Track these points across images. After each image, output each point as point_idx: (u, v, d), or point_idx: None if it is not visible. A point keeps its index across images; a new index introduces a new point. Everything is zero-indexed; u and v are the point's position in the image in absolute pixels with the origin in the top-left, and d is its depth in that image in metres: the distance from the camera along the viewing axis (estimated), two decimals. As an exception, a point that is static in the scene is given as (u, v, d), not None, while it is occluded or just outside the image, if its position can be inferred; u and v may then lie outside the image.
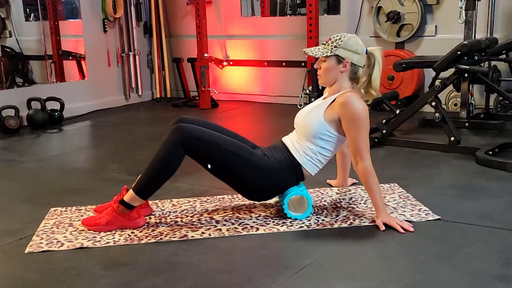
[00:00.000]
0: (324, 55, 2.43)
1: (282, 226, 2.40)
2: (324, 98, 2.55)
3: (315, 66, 2.52)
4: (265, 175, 2.43)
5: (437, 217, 2.42)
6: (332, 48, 2.42)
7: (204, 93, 5.57)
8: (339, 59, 2.43)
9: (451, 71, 3.71)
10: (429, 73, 4.45)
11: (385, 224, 2.31)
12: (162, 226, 2.45)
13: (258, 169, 2.41)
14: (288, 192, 2.46)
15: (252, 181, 2.43)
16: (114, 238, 2.32)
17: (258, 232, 2.35)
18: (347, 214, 2.51)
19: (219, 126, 2.59)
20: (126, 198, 2.39)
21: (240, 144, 2.45)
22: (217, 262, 2.08)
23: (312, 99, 4.86)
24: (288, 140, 2.54)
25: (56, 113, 4.98)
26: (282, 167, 2.45)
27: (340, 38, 2.43)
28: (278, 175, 2.44)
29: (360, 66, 2.45)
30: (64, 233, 2.40)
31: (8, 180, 3.33)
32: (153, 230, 2.40)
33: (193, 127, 2.38)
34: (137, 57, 6.07)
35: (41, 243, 2.29)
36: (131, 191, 2.39)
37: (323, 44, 2.48)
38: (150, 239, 2.30)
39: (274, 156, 2.47)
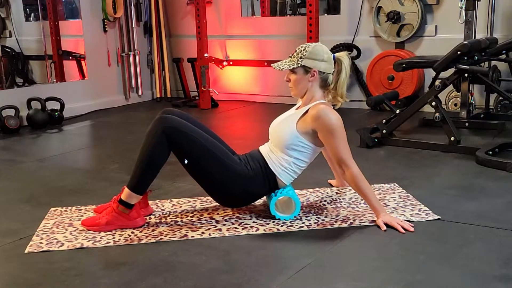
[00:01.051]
0: (290, 67, 2.44)
1: (282, 226, 2.40)
2: (297, 108, 2.55)
3: (285, 79, 2.53)
4: (238, 180, 2.43)
5: (437, 217, 2.42)
6: (298, 60, 2.42)
7: (204, 93, 5.57)
8: (306, 69, 2.43)
9: (451, 71, 3.71)
10: (429, 73, 4.46)
11: (385, 224, 2.31)
12: (162, 226, 2.45)
13: (233, 173, 2.41)
14: (276, 193, 2.46)
15: (225, 184, 2.43)
16: (114, 238, 2.32)
17: (258, 232, 2.35)
18: (347, 214, 2.51)
19: (202, 124, 2.59)
20: (123, 196, 2.40)
21: (220, 146, 2.46)
22: (217, 262, 2.08)
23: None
24: (263, 149, 2.54)
25: (56, 113, 4.98)
26: (256, 175, 2.45)
27: (304, 49, 2.43)
28: (252, 182, 2.45)
29: (329, 73, 2.45)
30: (64, 233, 2.40)
31: (8, 180, 3.33)
32: (153, 230, 2.40)
33: (175, 118, 2.39)
34: (137, 57, 6.08)
35: (41, 243, 2.29)
36: (126, 189, 2.40)
37: (289, 56, 2.48)
38: (150, 239, 2.30)
39: (250, 163, 2.47)
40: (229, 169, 2.41)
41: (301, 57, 2.42)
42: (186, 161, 2.40)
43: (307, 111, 2.43)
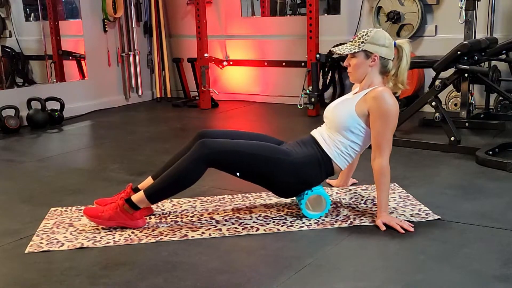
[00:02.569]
0: (352, 51, 2.43)
1: (282, 226, 2.40)
2: (355, 93, 2.54)
3: (344, 64, 2.52)
4: (292, 172, 2.42)
5: (437, 217, 2.42)
6: (359, 44, 2.42)
7: (204, 93, 5.57)
8: (367, 54, 2.42)
9: (451, 71, 3.71)
10: (429, 73, 4.45)
11: (385, 224, 2.31)
12: (162, 226, 2.45)
13: (284, 165, 2.40)
14: (305, 193, 2.46)
15: (280, 179, 2.43)
16: (114, 238, 2.32)
17: (258, 232, 2.35)
18: (347, 214, 2.51)
19: (240, 131, 2.61)
20: (134, 198, 2.39)
21: (264, 145, 2.45)
22: (217, 262, 2.08)
23: (312, 99, 4.87)
24: (317, 133, 2.53)
25: (56, 113, 4.98)
26: (311, 162, 2.44)
27: (366, 34, 2.43)
28: (306, 170, 2.43)
29: (390, 59, 2.45)
30: (64, 233, 2.40)
31: (8, 180, 3.33)
32: (153, 230, 2.40)
33: (216, 141, 2.39)
34: (137, 57, 6.08)
35: (41, 243, 2.29)
36: (141, 193, 2.38)
37: (350, 41, 2.48)
38: (150, 239, 2.30)
39: (303, 150, 2.46)
40: (280, 163, 2.40)
41: (362, 42, 2.41)
42: (238, 174, 2.41)
43: (366, 94, 2.42)
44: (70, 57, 5.81)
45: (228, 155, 2.36)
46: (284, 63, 5.60)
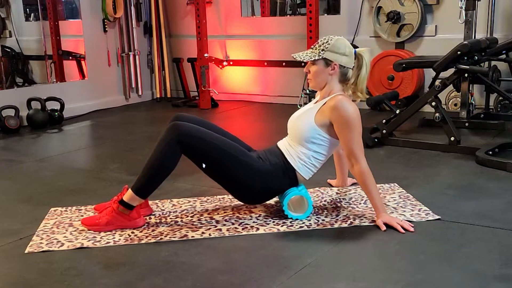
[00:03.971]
0: (312, 59, 2.44)
1: (282, 226, 2.40)
2: (316, 102, 2.55)
3: (304, 70, 2.53)
4: (259, 178, 2.42)
5: (437, 217, 2.42)
6: (319, 52, 2.42)
7: (204, 93, 5.57)
8: (327, 62, 2.42)
9: (451, 71, 3.71)
10: (429, 73, 4.46)
11: (385, 224, 2.31)
12: (162, 226, 2.45)
13: (252, 171, 2.41)
14: (288, 193, 2.46)
15: (245, 183, 2.42)
16: (114, 238, 2.32)
17: (258, 232, 2.35)
18: (347, 214, 2.51)
19: (216, 126, 2.59)
20: (125, 198, 2.39)
21: (236, 145, 2.45)
22: (217, 262, 2.08)
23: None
24: (282, 144, 2.53)
25: (56, 113, 4.98)
26: (276, 171, 2.44)
27: (327, 41, 2.43)
28: (272, 178, 2.44)
29: (349, 68, 2.45)
30: (64, 233, 2.40)
31: (8, 180, 3.33)
32: (153, 230, 2.40)
33: (188, 125, 2.38)
34: (137, 57, 6.08)
35: (41, 243, 2.29)
36: (130, 190, 2.39)
37: (311, 48, 2.48)
38: (150, 239, 2.30)
39: (269, 159, 2.46)
40: (247, 167, 2.40)
41: (323, 49, 2.42)
42: (204, 165, 2.39)
43: (325, 103, 2.43)
44: (70, 57, 5.81)
45: (198, 142, 2.35)
46: (284, 63, 5.60)
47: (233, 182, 2.44)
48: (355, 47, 2.49)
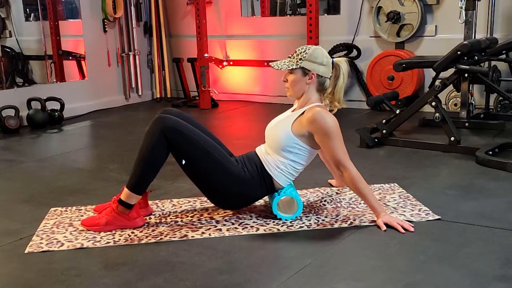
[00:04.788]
0: (289, 68, 2.44)
1: (282, 226, 2.40)
2: (293, 110, 2.55)
3: (282, 79, 2.53)
4: (235, 183, 2.42)
5: (437, 217, 2.42)
6: (297, 61, 2.42)
7: (204, 93, 5.57)
8: (305, 71, 2.43)
9: (451, 71, 3.71)
10: (429, 73, 4.45)
11: (385, 224, 2.31)
12: (162, 226, 2.45)
13: (230, 175, 2.40)
14: (278, 193, 2.46)
15: (222, 186, 2.42)
16: (114, 238, 2.32)
17: (258, 232, 2.35)
18: (347, 214, 2.51)
19: (202, 125, 2.58)
20: (122, 197, 2.40)
21: (219, 147, 2.46)
22: (217, 262, 2.08)
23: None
24: (260, 151, 2.53)
25: (56, 113, 4.98)
26: (253, 177, 2.44)
27: (305, 51, 2.43)
28: (248, 184, 2.44)
29: (327, 78, 2.45)
30: (64, 233, 2.40)
31: (8, 180, 3.33)
32: (153, 230, 2.40)
33: (174, 118, 2.38)
34: (137, 57, 6.08)
35: (41, 243, 2.29)
36: (126, 189, 2.39)
37: (289, 57, 2.48)
38: (150, 239, 2.30)
39: (247, 165, 2.46)
40: (226, 171, 2.40)
41: (300, 59, 2.42)
42: (183, 162, 2.39)
43: (302, 113, 2.42)
44: (70, 57, 5.81)
45: (181, 137, 2.34)
46: (284, 63, 5.59)
47: (210, 183, 2.44)
48: (332, 57, 2.50)
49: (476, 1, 4.12)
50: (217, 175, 2.40)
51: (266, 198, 2.63)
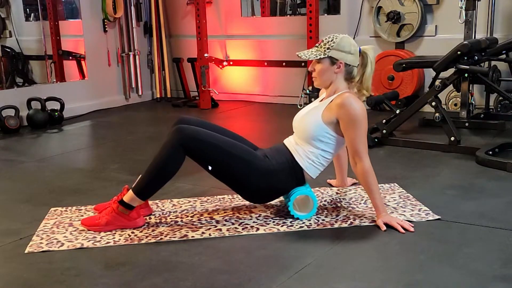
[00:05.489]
0: (318, 57, 2.43)
1: (282, 226, 2.40)
2: (321, 100, 2.55)
3: (309, 68, 2.52)
4: (265, 177, 2.41)
5: (437, 217, 2.42)
6: (325, 50, 2.42)
7: (204, 93, 5.57)
8: (333, 61, 2.42)
9: (451, 71, 3.71)
10: (429, 73, 4.46)
11: (385, 224, 2.31)
12: (162, 226, 2.45)
13: (258, 171, 2.40)
14: (294, 192, 2.46)
15: (251, 182, 2.42)
16: (114, 238, 2.32)
17: (258, 232, 2.35)
18: (347, 214, 2.51)
19: (219, 126, 2.59)
20: (125, 198, 2.39)
21: (240, 145, 2.44)
22: (217, 262, 2.08)
23: (312, 99, 4.87)
24: (289, 142, 2.52)
25: (56, 113, 4.98)
26: (283, 170, 2.44)
27: (332, 40, 2.42)
28: (278, 177, 2.43)
29: (355, 66, 2.45)
30: (64, 233, 2.40)
31: (8, 180, 3.33)
32: (153, 230, 2.40)
33: (192, 128, 2.37)
34: (137, 57, 6.08)
35: (41, 243, 2.29)
36: (130, 191, 2.39)
37: (316, 46, 2.47)
38: (150, 239, 2.30)
39: (275, 158, 2.45)
40: (252, 167, 2.39)
41: (328, 48, 2.41)
42: (210, 168, 2.38)
43: (332, 101, 2.42)
44: (70, 57, 5.81)
45: (203, 145, 2.34)
46: (284, 63, 5.60)
47: (239, 182, 2.43)
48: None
49: (476, 1, 4.12)
50: (245, 173, 2.39)
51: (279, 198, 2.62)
